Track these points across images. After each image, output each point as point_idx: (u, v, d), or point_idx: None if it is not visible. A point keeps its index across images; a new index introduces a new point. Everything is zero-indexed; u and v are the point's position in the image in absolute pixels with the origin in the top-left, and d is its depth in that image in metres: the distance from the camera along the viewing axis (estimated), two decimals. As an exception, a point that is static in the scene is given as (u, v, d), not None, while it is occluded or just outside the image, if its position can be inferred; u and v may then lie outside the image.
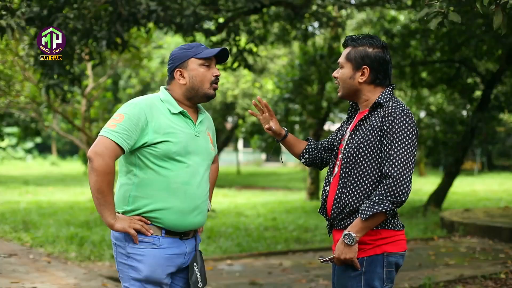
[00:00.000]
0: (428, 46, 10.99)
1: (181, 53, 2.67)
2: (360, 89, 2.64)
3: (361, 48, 2.62)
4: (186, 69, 2.66)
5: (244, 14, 8.30)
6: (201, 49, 2.68)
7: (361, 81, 2.62)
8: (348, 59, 2.64)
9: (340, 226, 2.60)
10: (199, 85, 2.66)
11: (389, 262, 2.54)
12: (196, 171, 2.65)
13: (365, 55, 2.61)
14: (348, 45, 2.67)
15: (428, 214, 10.49)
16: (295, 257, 7.16)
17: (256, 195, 16.00)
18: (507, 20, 2.91)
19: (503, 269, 5.93)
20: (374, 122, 2.54)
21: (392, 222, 2.55)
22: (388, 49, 2.66)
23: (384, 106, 2.56)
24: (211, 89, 2.68)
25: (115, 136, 2.49)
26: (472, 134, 11.09)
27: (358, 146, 2.55)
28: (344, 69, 2.66)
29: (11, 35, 4.81)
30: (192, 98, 2.68)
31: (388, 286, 2.56)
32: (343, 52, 2.70)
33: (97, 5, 6.10)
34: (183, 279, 2.73)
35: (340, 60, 2.69)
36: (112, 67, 13.21)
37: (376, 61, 2.61)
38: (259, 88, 19.62)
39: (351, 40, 2.66)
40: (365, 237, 2.52)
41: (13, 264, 6.22)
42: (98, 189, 2.47)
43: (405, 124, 2.49)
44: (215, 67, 2.71)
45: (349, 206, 2.55)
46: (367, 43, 2.62)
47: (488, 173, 24.44)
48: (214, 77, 2.68)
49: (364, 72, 2.61)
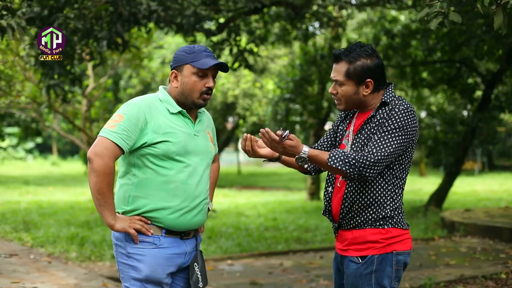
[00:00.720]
0: (428, 46, 10.98)
1: (181, 56, 2.64)
2: (365, 100, 2.62)
3: (359, 62, 2.56)
4: (180, 73, 2.65)
5: (245, 14, 8.30)
6: (201, 56, 2.62)
7: (366, 93, 2.60)
8: (349, 76, 2.57)
9: (349, 225, 2.62)
10: (189, 92, 2.63)
11: (398, 260, 2.57)
12: (195, 171, 2.65)
13: (366, 68, 2.56)
14: (342, 60, 2.59)
15: (429, 214, 10.48)
16: (296, 257, 7.16)
17: (257, 195, 16.00)
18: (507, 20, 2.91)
19: (504, 269, 5.93)
20: (379, 119, 2.57)
21: (401, 221, 2.59)
22: (377, 51, 2.64)
23: (389, 104, 2.58)
24: (201, 99, 2.64)
25: (115, 137, 2.50)
26: (473, 134, 11.08)
27: (364, 145, 2.57)
28: (345, 86, 2.59)
29: (11, 35, 4.82)
30: (183, 103, 2.67)
31: (395, 285, 2.59)
32: (339, 67, 2.59)
33: (97, 5, 6.11)
34: (183, 279, 2.73)
35: (338, 78, 2.60)
36: (112, 67, 13.21)
37: (377, 70, 2.59)
38: (259, 88, 19.62)
39: (344, 55, 2.58)
40: (376, 236, 2.55)
41: (13, 264, 6.22)
42: (98, 189, 2.48)
43: (401, 117, 2.51)
44: (211, 77, 2.65)
45: (359, 205, 2.57)
46: (363, 55, 2.56)
47: (489, 173, 24.42)
48: (206, 88, 2.64)
49: (368, 85, 2.59)
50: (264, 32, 10.33)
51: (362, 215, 2.57)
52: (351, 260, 2.60)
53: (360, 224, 2.58)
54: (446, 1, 3.05)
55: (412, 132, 2.54)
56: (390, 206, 2.56)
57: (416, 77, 12.42)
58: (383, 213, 2.55)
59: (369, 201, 2.55)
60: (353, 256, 2.59)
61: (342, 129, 2.75)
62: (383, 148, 2.47)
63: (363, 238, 2.57)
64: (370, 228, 2.56)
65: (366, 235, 2.57)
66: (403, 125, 2.51)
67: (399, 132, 2.50)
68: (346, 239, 2.63)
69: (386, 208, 2.55)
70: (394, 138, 2.49)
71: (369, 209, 2.56)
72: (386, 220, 2.56)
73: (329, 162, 2.47)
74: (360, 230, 2.58)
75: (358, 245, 2.58)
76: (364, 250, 2.57)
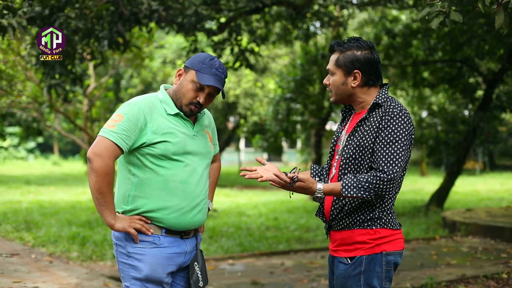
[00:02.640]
0: (429, 45, 10.98)
1: (196, 61, 2.63)
2: (354, 93, 2.62)
3: (349, 52, 2.58)
4: (185, 75, 2.65)
5: (246, 13, 8.30)
6: (209, 71, 2.59)
7: (354, 85, 2.60)
8: (338, 65, 2.60)
9: (339, 226, 2.61)
10: (180, 95, 2.63)
11: (387, 261, 2.55)
12: (195, 170, 2.65)
13: (354, 59, 2.57)
14: (335, 51, 2.62)
15: (430, 214, 10.48)
16: (297, 257, 7.16)
17: (258, 195, 16.00)
18: (509, 19, 2.91)
19: (505, 268, 5.92)
20: (372, 122, 2.54)
21: (390, 222, 2.57)
22: (375, 49, 2.64)
23: (382, 106, 2.56)
24: (188, 107, 2.62)
25: (114, 137, 2.50)
26: (474, 134, 11.07)
27: (358, 147, 2.55)
28: (335, 76, 2.62)
29: (12, 34, 4.82)
30: (175, 102, 2.66)
31: (386, 285, 2.57)
32: (331, 58, 2.64)
33: (98, 4, 6.11)
34: (184, 278, 2.73)
35: (329, 67, 2.64)
36: (113, 67, 13.22)
37: (366, 63, 2.58)
38: (260, 87, 19.62)
39: (338, 45, 2.62)
40: (364, 237, 2.54)
41: (15, 263, 6.22)
42: (98, 189, 2.48)
43: (402, 122, 2.49)
44: (206, 95, 2.62)
45: (348, 206, 2.56)
46: (354, 46, 2.58)
47: (490, 172, 24.41)
48: (196, 101, 2.62)
49: (356, 77, 2.59)
50: (265, 32, 10.33)
51: (351, 216, 2.56)
52: (340, 261, 2.59)
53: (349, 225, 2.57)
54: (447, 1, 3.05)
55: (412, 135, 2.54)
56: (380, 208, 2.55)
57: (417, 77, 12.42)
58: (371, 214, 2.54)
59: (359, 204, 2.55)
60: (342, 256, 2.59)
61: (338, 131, 2.75)
62: (393, 163, 2.45)
63: (352, 239, 2.56)
64: (358, 229, 2.55)
65: (354, 236, 2.56)
66: (404, 132, 2.49)
67: (403, 140, 2.48)
68: (336, 239, 2.63)
69: (375, 210, 2.55)
70: (401, 149, 2.47)
71: (358, 211, 2.55)
72: (374, 220, 2.54)
73: (344, 192, 2.46)
74: (349, 231, 2.57)
75: (346, 246, 2.58)
76: (352, 251, 2.56)
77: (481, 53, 10.52)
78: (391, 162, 2.45)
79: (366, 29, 14.01)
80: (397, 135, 2.48)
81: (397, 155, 2.46)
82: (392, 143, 2.47)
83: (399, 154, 2.46)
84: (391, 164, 2.44)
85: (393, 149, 2.46)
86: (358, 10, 11.42)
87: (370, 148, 2.52)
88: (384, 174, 2.43)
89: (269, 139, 16.09)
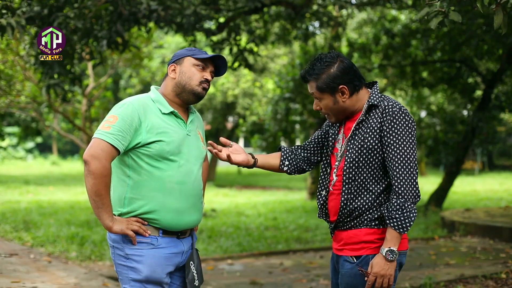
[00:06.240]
0: (428, 45, 10.98)
1: (182, 52, 2.72)
2: (347, 106, 2.61)
3: (324, 75, 2.57)
4: (180, 65, 2.69)
5: (245, 13, 8.29)
6: (201, 52, 2.71)
7: (345, 99, 2.59)
8: (321, 90, 2.59)
9: (345, 227, 2.61)
10: (187, 81, 2.67)
11: None
12: (190, 170, 2.66)
13: (333, 77, 2.56)
14: (309, 80, 2.62)
15: (429, 214, 10.49)
16: (296, 257, 7.16)
17: (257, 195, 16.00)
18: (507, 19, 2.91)
19: (504, 268, 5.93)
20: (372, 123, 2.55)
21: None
22: (341, 54, 2.63)
23: (379, 106, 2.56)
24: (200, 87, 2.68)
25: (110, 138, 2.49)
26: (473, 134, 11.07)
27: (360, 150, 2.55)
28: (323, 100, 2.61)
29: (11, 34, 4.81)
30: (180, 94, 2.69)
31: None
32: (310, 86, 2.63)
33: (97, 4, 6.11)
34: (180, 277, 2.73)
35: (315, 95, 2.63)
36: (112, 67, 13.22)
37: (345, 74, 2.57)
38: (259, 87, 19.61)
39: (309, 74, 2.61)
40: (371, 236, 2.55)
41: (13, 263, 6.22)
42: (96, 191, 2.46)
43: (406, 123, 2.50)
44: (209, 71, 2.71)
45: (358, 210, 2.56)
46: (324, 66, 2.57)
47: (489, 172, 24.43)
48: (204, 79, 2.68)
49: (343, 91, 2.58)
50: (264, 32, 10.32)
51: (360, 217, 2.57)
52: (346, 260, 2.59)
53: (356, 225, 2.58)
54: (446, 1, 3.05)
55: (415, 133, 2.55)
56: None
57: (416, 77, 12.42)
58: (379, 213, 2.55)
59: (367, 205, 2.55)
60: (348, 255, 2.59)
61: (334, 133, 2.73)
62: (409, 172, 2.50)
63: (358, 238, 2.57)
64: (366, 228, 2.56)
65: (361, 235, 2.56)
66: (410, 133, 2.51)
67: (410, 142, 2.51)
68: (342, 238, 2.63)
69: (383, 209, 2.55)
70: (411, 152, 2.50)
71: (367, 212, 2.56)
72: (381, 220, 2.55)
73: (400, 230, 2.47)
74: (356, 230, 2.58)
75: (353, 245, 2.58)
76: (358, 250, 2.57)
77: (480, 53, 10.53)
78: (406, 172, 2.49)
79: (365, 29, 14.02)
80: (404, 139, 2.49)
81: (409, 163, 2.50)
82: (401, 148, 2.49)
83: (410, 161, 2.50)
84: (412, 188, 2.49)
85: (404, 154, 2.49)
86: (357, 10, 11.40)
87: (374, 149, 2.53)
88: (411, 200, 2.48)
89: (268, 139, 16.07)
